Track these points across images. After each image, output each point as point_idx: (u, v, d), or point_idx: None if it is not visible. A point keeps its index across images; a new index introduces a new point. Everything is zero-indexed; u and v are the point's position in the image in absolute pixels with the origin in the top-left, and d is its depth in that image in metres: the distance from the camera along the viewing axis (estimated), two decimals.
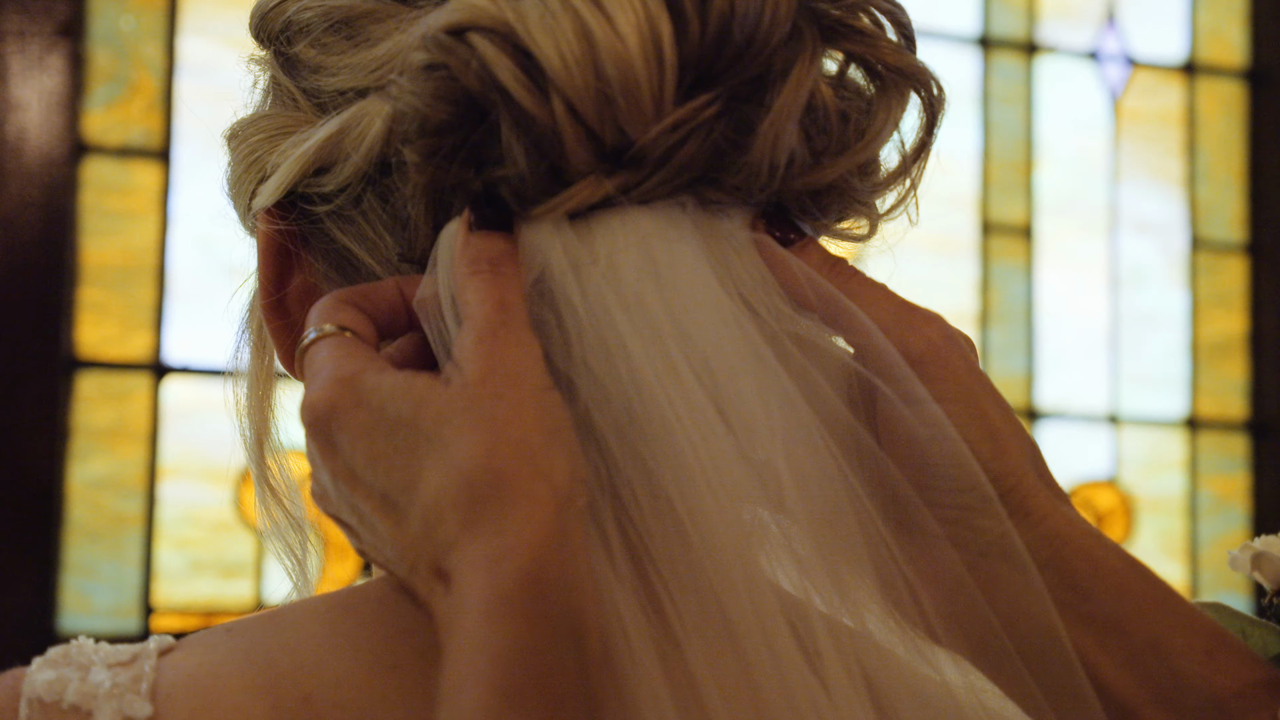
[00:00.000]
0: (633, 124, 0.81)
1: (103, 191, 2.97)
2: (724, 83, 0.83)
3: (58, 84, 2.91)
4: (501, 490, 0.75)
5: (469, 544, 0.74)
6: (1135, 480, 3.78)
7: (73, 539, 2.92)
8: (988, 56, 3.73)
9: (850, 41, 0.87)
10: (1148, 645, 0.80)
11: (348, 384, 0.80)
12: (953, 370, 0.84)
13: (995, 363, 3.64)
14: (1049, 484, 0.85)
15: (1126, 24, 3.88)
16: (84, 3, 2.96)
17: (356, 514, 0.81)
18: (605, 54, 0.80)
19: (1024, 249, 3.70)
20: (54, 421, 2.89)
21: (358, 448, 0.79)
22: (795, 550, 0.84)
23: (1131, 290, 3.83)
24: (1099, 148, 3.84)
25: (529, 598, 0.72)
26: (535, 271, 0.84)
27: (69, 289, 2.93)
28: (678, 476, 0.81)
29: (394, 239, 0.90)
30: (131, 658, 0.86)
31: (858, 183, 0.90)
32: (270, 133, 0.94)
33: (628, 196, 0.83)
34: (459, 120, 0.82)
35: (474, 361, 0.79)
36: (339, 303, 0.86)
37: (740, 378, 0.83)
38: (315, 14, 0.92)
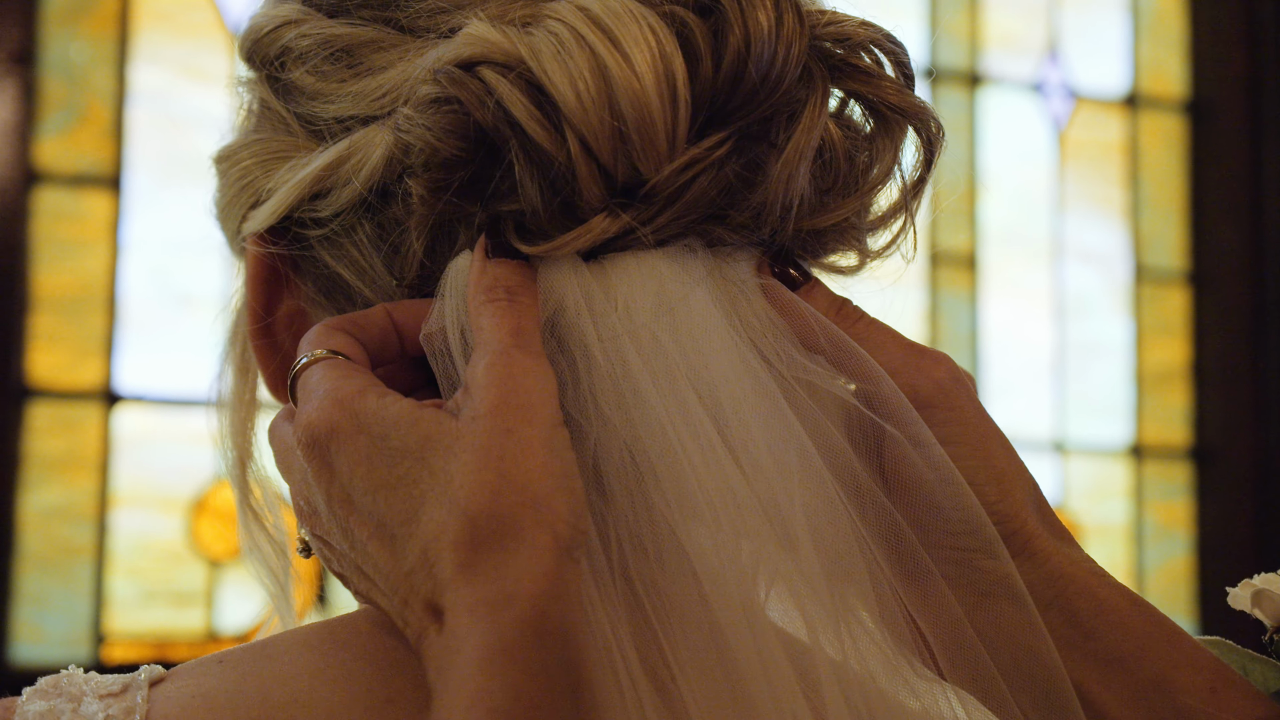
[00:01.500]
0: (646, 161, 0.82)
1: (54, 220, 2.97)
2: (736, 122, 0.84)
3: (9, 112, 2.91)
4: (504, 534, 0.74)
5: (467, 586, 0.73)
6: (1081, 507, 3.81)
7: (24, 568, 2.91)
8: (933, 88, 3.77)
9: (854, 81, 0.88)
10: (1151, 682, 0.81)
11: (347, 405, 0.80)
12: (960, 413, 0.85)
13: None
14: (1052, 524, 0.86)
15: (1068, 56, 3.93)
16: (36, 31, 2.96)
17: (349, 538, 0.80)
18: (621, 91, 0.80)
19: (969, 279, 3.74)
20: (5, 450, 2.88)
21: (356, 473, 0.78)
22: (801, 590, 0.83)
23: (1076, 319, 3.87)
24: (1042, 178, 3.89)
25: (530, 648, 0.72)
26: (550, 310, 0.84)
27: (20, 318, 2.93)
28: (687, 518, 0.81)
29: (386, 267, 0.89)
30: (123, 688, 0.85)
31: (856, 220, 0.91)
32: (263, 157, 0.94)
33: (639, 233, 0.83)
34: (469, 155, 0.82)
35: (486, 390, 0.78)
36: (330, 329, 0.85)
37: (751, 421, 0.83)
38: (314, 41, 0.91)
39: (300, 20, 0.93)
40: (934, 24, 3.79)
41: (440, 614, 0.74)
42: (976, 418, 0.86)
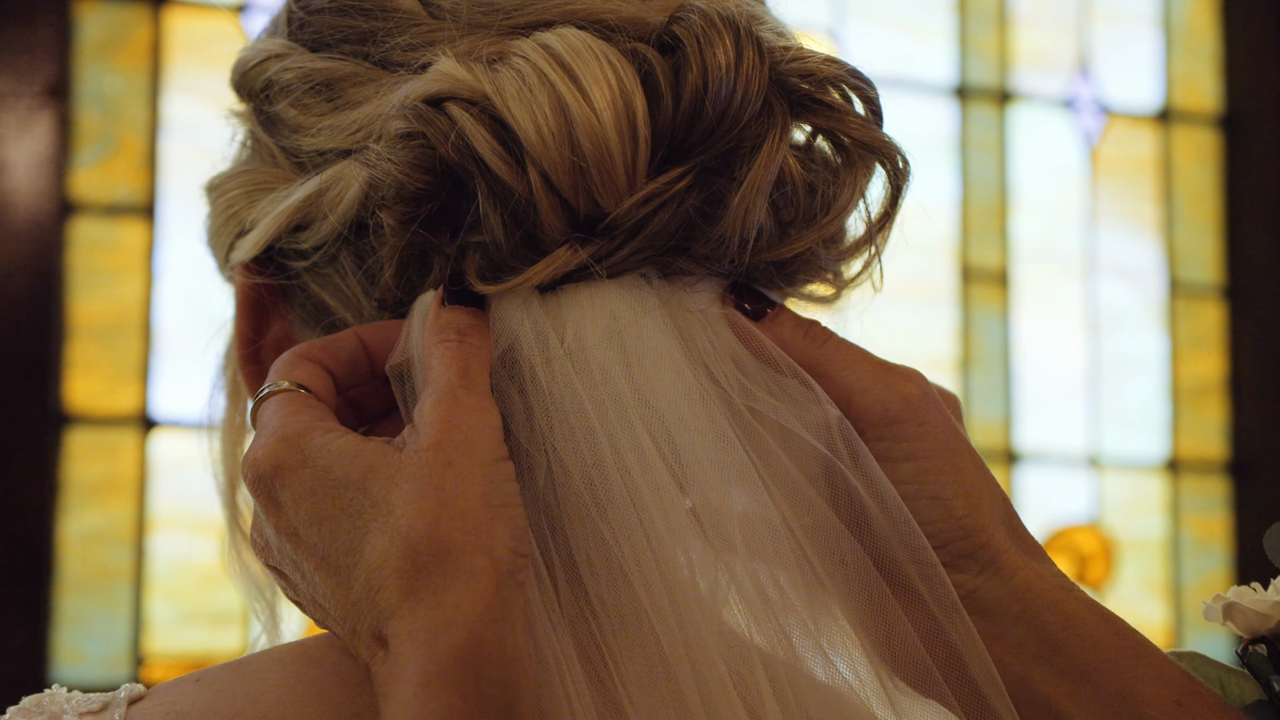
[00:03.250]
0: (606, 196, 0.83)
1: (90, 249, 3.01)
2: (696, 157, 0.85)
3: (45, 144, 2.95)
4: (444, 561, 0.76)
5: (409, 614, 0.75)
6: (1117, 523, 3.79)
7: (64, 591, 2.95)
8: (963, 105, 3.78)
9: (819, 116, 0.89)
10: (1118, 695, 0.82)
11: (293, 442, 0.81)
12: (930, 427, 0.86)
13: (975, 407, 3.67)
14: (1021, 538, 0.87)
15: (1100, 72, 3.93)
16: (70, 64, 3.01)
17: (299, 570, 0.82)
18: (580, 128, 0.82)
19: (1001, 295, 3.74)
20: (45, 476, 2.92)
21: (301, 507, 0.80)
22: (746, 601, 0.84)
23: (1110, 334, 3.86)
24: (1074, 194, 3.88)
25: (464, 672, 0.73)
26: (503, 345, 0.86)
27: (58, 346, 2.96)
28: (636, 550, 0.82)
29: (366, 295, 0.91)
30: (102, 706, 0.87)
31: (823, 251, 0.92)
32: (248, 188, 0.96)
33: (600, 266, 0.85)
34: (435, 188, 0.84)
35: (430, 425, 0.80)
36: (298, 358, 0.87)
37: (699, 451, 0.85)
38: (296, 75, 0.93)
39: (284, 54, 0.95)
40: (963, 42, 3.79)
41: (385, 642, 0.76)
42: (945, 433, 0.86)
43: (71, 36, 3.02)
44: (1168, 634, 3.73)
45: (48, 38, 2.97)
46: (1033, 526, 2.98)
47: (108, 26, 3.06)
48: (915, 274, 3.65)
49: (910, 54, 3.75)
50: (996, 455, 3.66)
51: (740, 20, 0.86)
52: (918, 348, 3.57)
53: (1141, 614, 3.75)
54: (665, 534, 0.83)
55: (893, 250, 0.92)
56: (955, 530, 0.85)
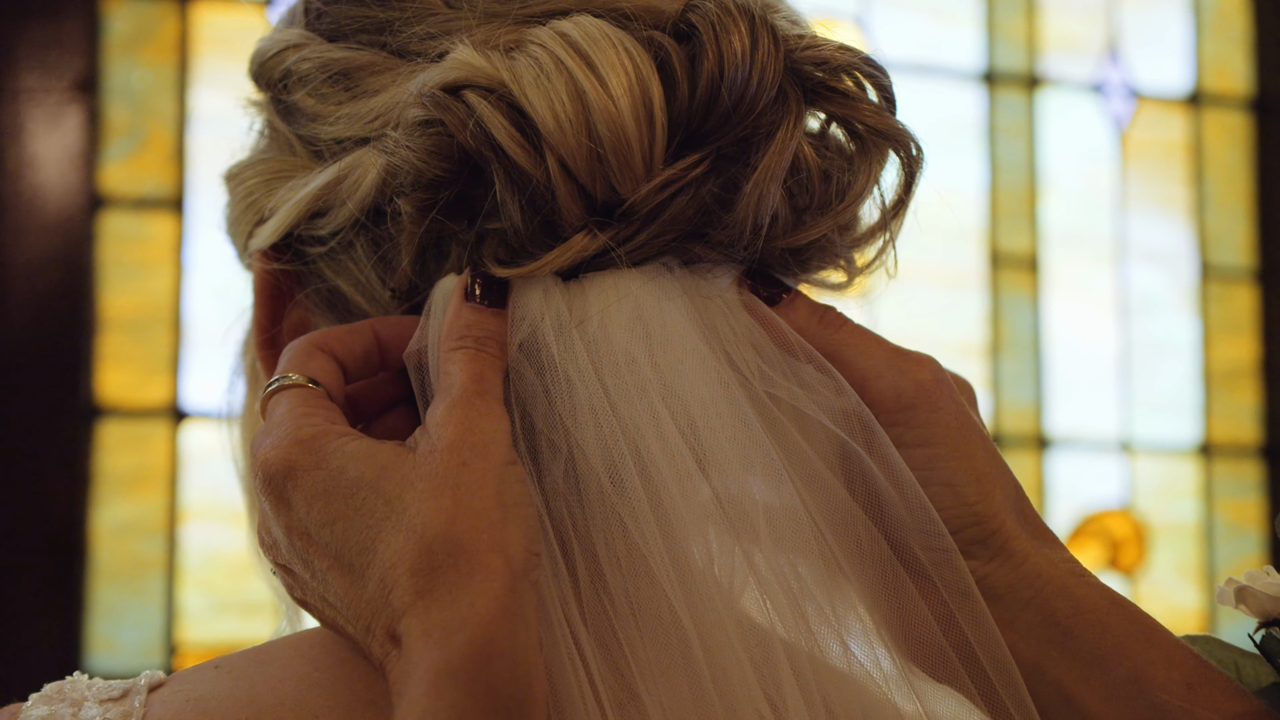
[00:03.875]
0: (624, 182, 0.84)
1: (120, 243, 3.02)
2: (712, 143, 0.86)
3: (75, 139, 2.97)
4: (459, 560, 0.76)
5: (423, 612, 0.76)
6: (1149, 507, 3.78)
7: (97, 582, 2.97)
8: (991, 91, 3.76)
9: (832, 103, 0.89)
10: (1129, 680, 0.82)
11: (307, 445, 0.82)
12: (943, 413, 0.87)
13: (1005, 393, 3.66)
14: (1032, 524, 0.88)
15: (1129, 56, 3.91)
16: (99, 59, 3.03)
17: (309, 569, 0.82)
18: (598, 114, 0.83)
19: (1031, 280, 3.73)
20: (77, 468, 2.94)
21: (314, 507, 0.81)
22: (768, 588, 0.85)
23: (1141, 319, 3.85)
24: (1104, 179, 3.87)
25: (476, 670, 0.74)
26: (524, 332, 0.86)
27: (89, 339, 2.98)
28: (657, 536, 0.83)
29: (380, 280, 0.92)
30: (123, 693, 0.88)
31: (838, 238, 0.94)
32: (267, 176, 0.97)
33: (618, 252, 0.86)
34: (454, 175, 0.85)
35: (445, 428, 0.81)
36: (312, 349, 0.88)
37: (723, 437, 0.85)
38: (314, 65, 0.94)
39: (302, 44, 0.96)
40: (991, 27, 3.78)
41: (399, 641, 0.77)
42: (958, 419, 0.87)
43: (100, 32, 3.04)
44: (1201, 619, 3.71)
45: (76, 33, 2.99)
46: (1064, 512, 2.98)
47: (136, 21, 3.08)
48: (944, 260, 3.65)
49: (938, 40, 3.74)
50: (1027, 441, 3.66)
51: (755, 8, 0.87)
52: (947, 333, 3.56)
53: (1175, 599, 3.74)
54: (687, 520, 0.84)
55: (922, 236, 0.93)
56: (967, 516, 0.86)
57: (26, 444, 2.90)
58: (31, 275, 2.92)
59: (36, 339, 2.92)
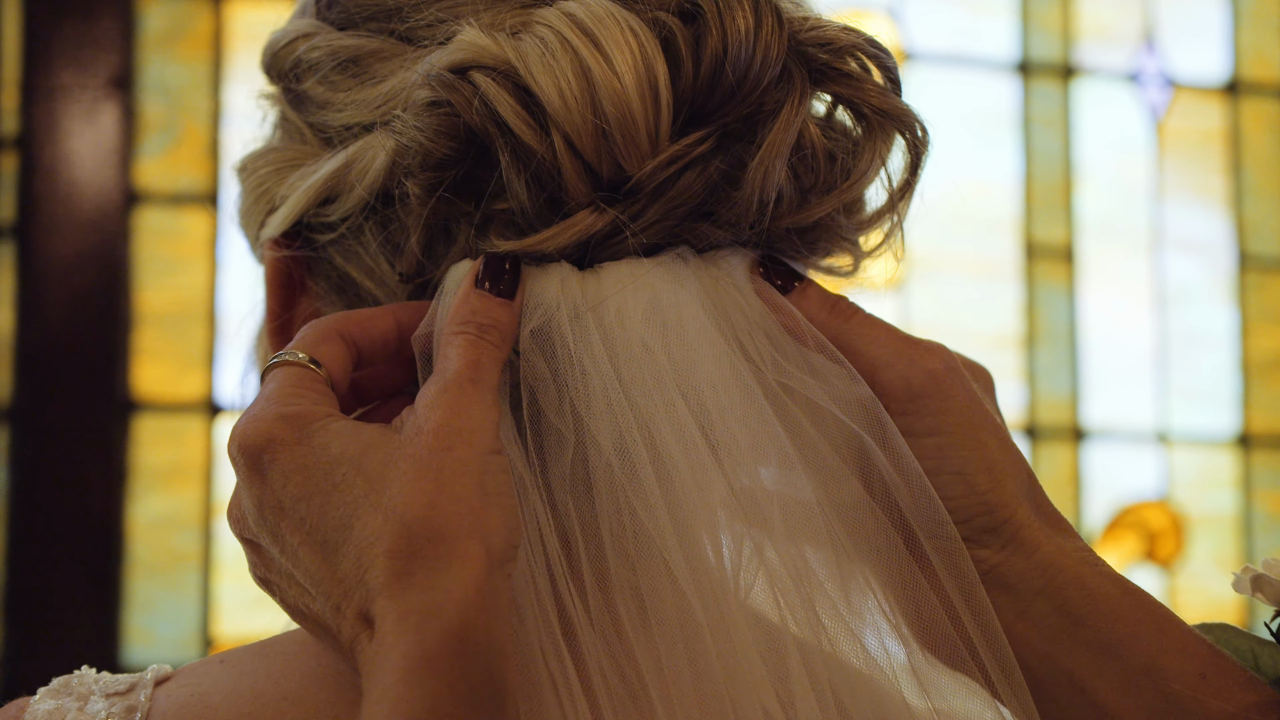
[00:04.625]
0: (629, 159, 0.85)
1: (155, 238, 3.04)
2: (717, 121, 0.87)
3: (110, 136, 2.98)
4: (438, 545, 0.75)
5: (399, 595, 0.75)
6: (1187, 498, 3.76)
7: (134, 575, 2.98)
8: (1026, 81, 3.75)
9: (837, 84, 0.90)
10: (1141, 669, 0.82)
11: (291, 421, 0.81)
12: (953, 401, 0.87)
13: (1041, 384, 3.65)
14: (1046, 513, 0.88)
15: (1165, 45, 3.89)
16: (133, 56, 3.05)
17: (279, 544, 0.80)
18: (603, 92, 0.84)
19: (1067, 271, 3.71)
20: (114, 462, 2.95)
21: (291, 481, 0.79)
22: (780, 583, 0.85)
23: (1178, 309, 3.83)
24: (1140, 169, 3.85)
25: (452, 659, 0.73)
26: (538, 319, 0.86)
27: (125, 334, 3.00)
28: (671, 518, 0.83)
29: (390, 265, 0.92)
30: (129, 687, 0.89)
31: (844, 220, 0.94)
32: (278, 165, 0.98)
33: (627, 231, 0.86)
34: (461, 155, 0.86)
35: (434, 410, 0.80)
36: (328, 332, 0.87)
37: (737, 427, 0.86)
38: (324, 53, 0.95)
39: (312, 34, 0.97)
40: (1026, 17, 3.76)
41: (371, 622, 0.76)
42: (969, 408, 0.87)
43: (134, 29, 3.06)
44: (1240, 611, 3.69)
45: (111, 30, 3.00)
46: (1100, 503, 2.97)
47: (170, 18, 3.10)
48: (979, 251, 3.64)
49: (972, 30, 3.72)
50: (1063, 432, 3.64)
51: None
52: (982, 325, 3.55)
53: (1213, 591, 3.72)
54: (700, 510, 0.84)
55: (956, 227, 0.93)
56: (978, 505, 0.86)
57: (63, 438, 2.92)
58: (68, 271, 2.94)
59: (73, 334, 2.94)
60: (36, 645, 2.86)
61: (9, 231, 2.94)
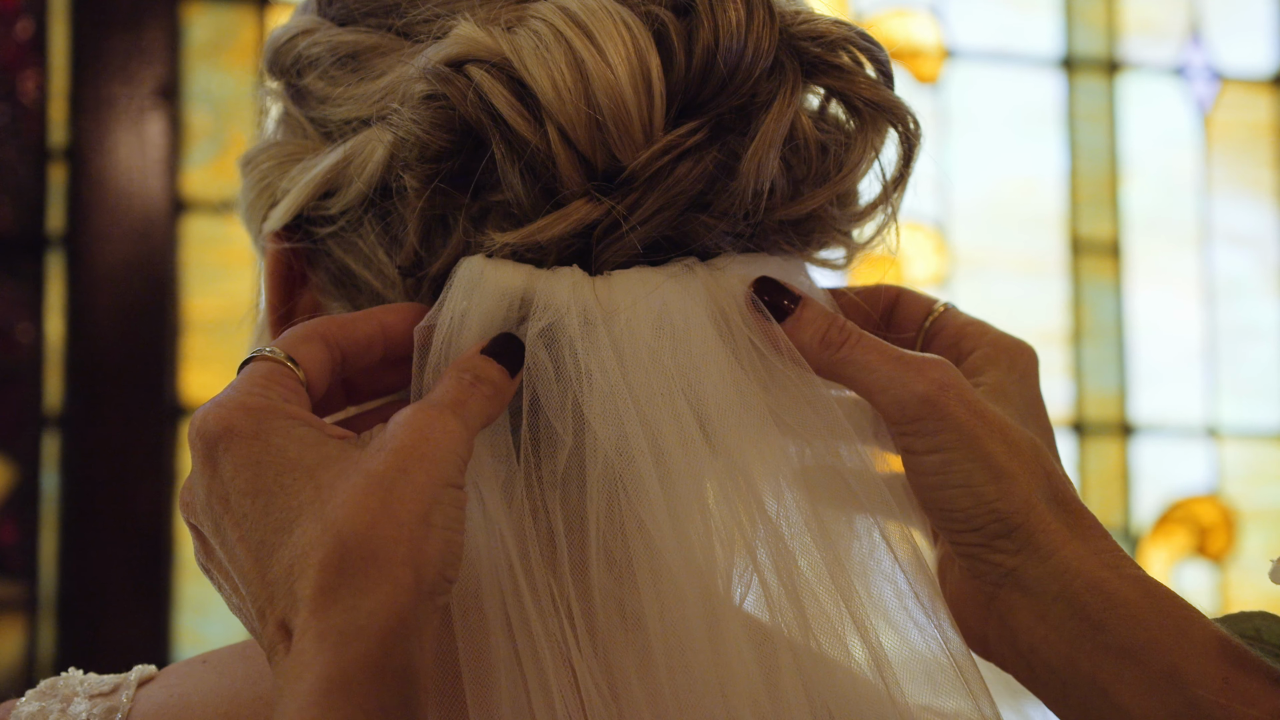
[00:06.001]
0: (623, 149, 0.86)
1: (202, 246, 3.07)
2: (710, 111, 0.88)
3: (157, 145, 3.01)
4: (369, 566, 0.74)
5: (322, 612, 0.74)
6: (1238, 492, 3.74)
7: (184, 577, 3.01)
8: (1071, 77, 3.74)
9: (829, 77, 0.91)
10: (1163, 674, 0.82)
11: (252, 412, 0.79)
12: (950, 419, 0.87)
13: (1088, 380, 3.64)
14: (1071, 512, 0.88)
15: (1212, 38, 3.86)
16: (179, 66, 3.08)
17: (220, 535, 0.80)
18: (597, 83, 0.85)
19: (1113, 266, 3.70)
20: (162, 466, 2.98)
21: (240, 475, 0.78)
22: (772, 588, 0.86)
23: (1227, 303, 3.81)
24: (1188, 162, 3.83)
25: (368, 684, 0.72)
26: (547, 319, 0.87)
27: (173, 340, 3.03)
28: (671, 522, 0.84)
29: (389, 257, 0.93)
30: (113, 688, 0.90)
31: (837, 212, 0.95)
32: (279, 159, 0.99)
33: (626, 222, 0.87)
34: (457, 147, 0.87)
35: (403, 430, 0.79)
36: (309, 333, 0.86)
37: (740, 436, 0.88)
38: (324, 49, 0.97)
39: (313, 29, 0.99)
40: (1070, 12, 3.75)
41: (290, 634, 0.74)
42: (970, 421, 0.88)
43: (179, 40, 3.09)
44: None
45: (157, 41, 3.04)
46: (1150, 499, 2.94)
47: (215, 29, 3.13)
48: (1025, 247, 3.63)
49: (1016, 26, 3.72)
50: (1111, 428, 3.62)
51: None
52: (1028, 321, 3.54)
53: (1267, 585, 3.67)
54: (706, 517, 0.86)
55: (1002, 224, 0.93)
56: (987, 514, 0.87)
57: (113, 444, 2.95)
58: (117, 279, 2.98)
59: (122, 341, 2.97)
60: (89, 648, 2.89)
61: (59, 241, 2.98)
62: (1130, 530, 3.61)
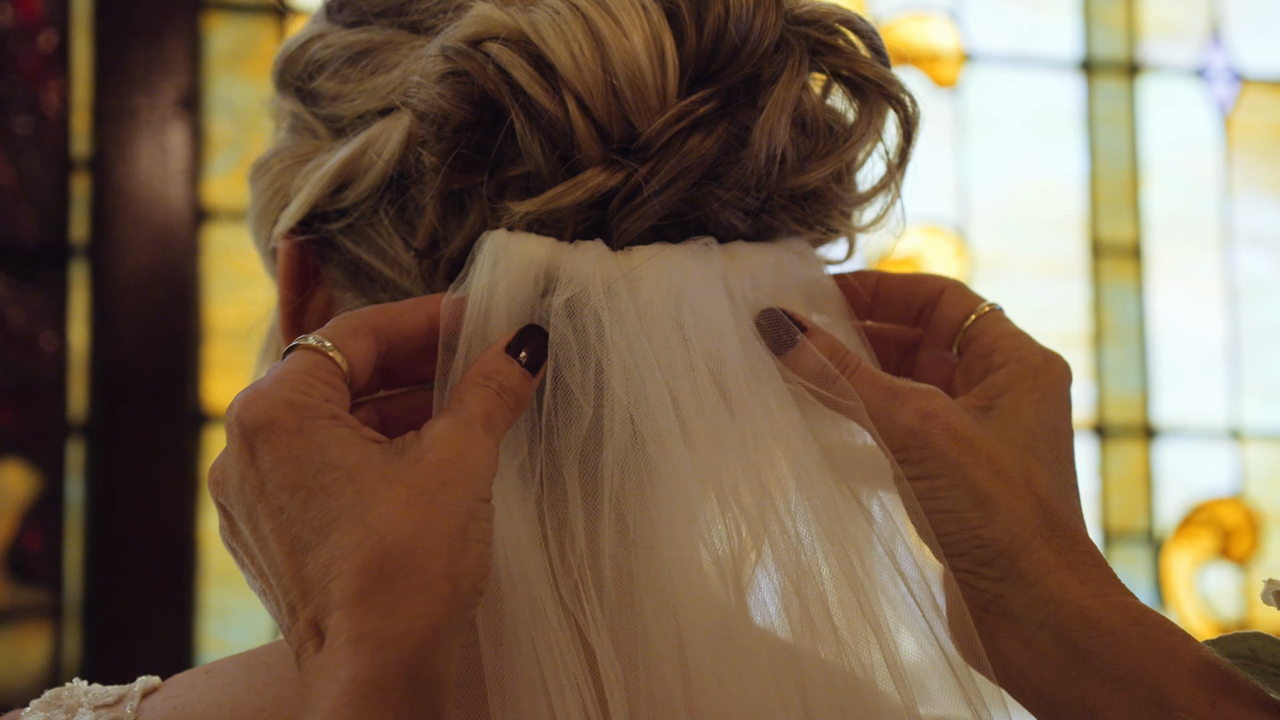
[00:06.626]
0: (639, 116, 0.89)
1: (224, 255, 3.08)
2: (720, 82, 0.90)
3: (179, 155, 3.03)
4: (411, 575, 0.75)
5: (359, 615, 0.74)
6: (1261, 495, 3.73)
7: (208, 584, 3.03)
8: (1090, 79, 3.73)
9: (831, 56, 0.94)
10: (1151, 700, 0.83)
11: (297, 410, 0.80)
12: (933, 448, 0.89)
13: (1110, 382, 3.63)
14: (1065, 536, 0.89)
15: (1232, 39, 3.86)
16: (201, 77, 3.10)
17: (252, 523, 0.80)
18: (614, 53, 0.87)
19: (1134, 268, 3.69)
20: (186, 474, 3.00)
21: (279, 469, 0.78)
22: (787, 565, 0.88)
23: (1249, 304, 3.80)
24: (1208, 164, 3.82)
25: (402, 690, 0.73)
26: (571, 291, 0.89)
27: (195, 348, 3.04)
28: (687, 485, 0.86)
29: (405, 244, 0.95)
30: (117, 699, 0.90)
31: (839, 190, 0.98)
32: (290, 162, 1.01)
33: (645, 188, 0.89)
34: (476, 119, 0.89)
35: (442, 444, 0.81)
36: (360, 326, 0.87)
37: (755, 405, 0.90)
38: (335, 50, 0.99)
39: (323, 34, 1.00)
40: (1089, 14, 3.75)
41: (322, 635, 0.75)
42: (953, 449, 0.89)
43: (201, 50, 3.11)
44: None
45: (178, 52, 3.06)
46: (1173, 501, 2.93)
47: (235, 40, 3.15)
48: (1045, 250, 3.63)
49: (1034, 29, 3.72)
50: (1133, 430, 3.62)
51: None
52: (1049, 323, 3.54)
53: None
54: (725, 480, 0.88)
55: (1021, 227, 0.94)
56: (970, 540, 0.88)
57: (137, 451, 2.97)
58: (139, 288, 3.00)
59: (145, 349, 2.99)
60: (114, 654, 2.91)
61: (82, 251, 3.00)
62: (1153, 534, 3.60)
